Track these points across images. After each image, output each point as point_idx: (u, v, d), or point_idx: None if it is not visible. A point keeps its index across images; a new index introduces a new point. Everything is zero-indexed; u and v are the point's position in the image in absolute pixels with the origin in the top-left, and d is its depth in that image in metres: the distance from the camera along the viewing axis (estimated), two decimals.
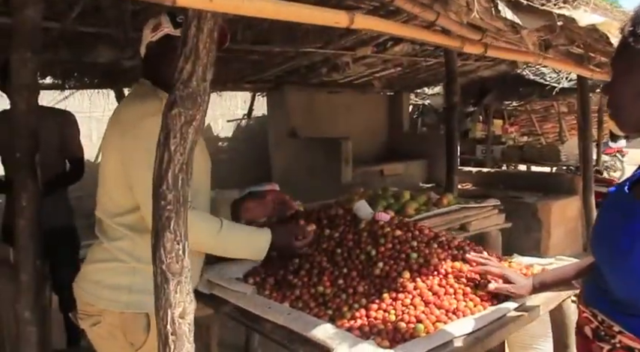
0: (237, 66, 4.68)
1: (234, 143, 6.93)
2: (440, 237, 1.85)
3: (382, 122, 7.23)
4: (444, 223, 2.87)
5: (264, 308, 1.57)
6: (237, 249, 1.69)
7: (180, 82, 0.98)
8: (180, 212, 1.02)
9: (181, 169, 1.01)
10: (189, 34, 0.96)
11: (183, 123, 0.99)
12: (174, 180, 1.01)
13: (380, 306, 1.51)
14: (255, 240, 1.70)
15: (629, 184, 1.12)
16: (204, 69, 0.98)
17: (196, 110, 1.00)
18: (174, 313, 1.03)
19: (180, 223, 1.02)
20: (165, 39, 1.61)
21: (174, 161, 1.00)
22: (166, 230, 1.01)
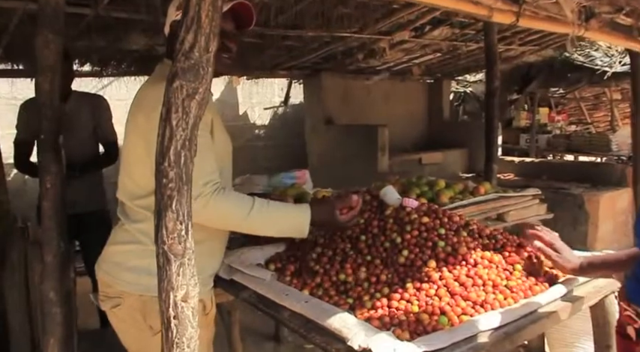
0: (271, 53, 4.63)
1: (270, 130, 6.92)
2: (470, 226, 1.74)
3: (422, 110, 7.05)
4: (479, 212, 2.74)
5: (282, 295, 1.52)
6: (273, 228, 1.59)
7: (181, 53, 0.93)
8: (183, 190, 0.97)
9: (184, 146, 0.96)
10: (191, 1, 0.90)
11: (185, 96, 0.94)
12: (177, 156, 0.96)
13: (403, 296, 1.43)
14: (292, 218, 1.60)
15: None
16: (207, 39, 0.93)
17: (199, 83, 0.94)
18: (177, 296, 0.99)
19: (183, 202, 0.97)
20: None
21: (177, 137, 0.95)
22: (168, 209, 0.96)
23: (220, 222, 1.51)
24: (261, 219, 1.52)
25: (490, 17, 1.31)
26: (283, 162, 6.55)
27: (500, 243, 1.68)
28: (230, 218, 1.49)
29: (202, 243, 1.64)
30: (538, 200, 3.03)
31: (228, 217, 1.48)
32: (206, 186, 1.42)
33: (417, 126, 6.95)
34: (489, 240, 1.69)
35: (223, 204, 1.44)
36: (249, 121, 6.77)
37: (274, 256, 1.85)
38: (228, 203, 1.46)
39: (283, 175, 2.81)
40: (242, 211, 1.49)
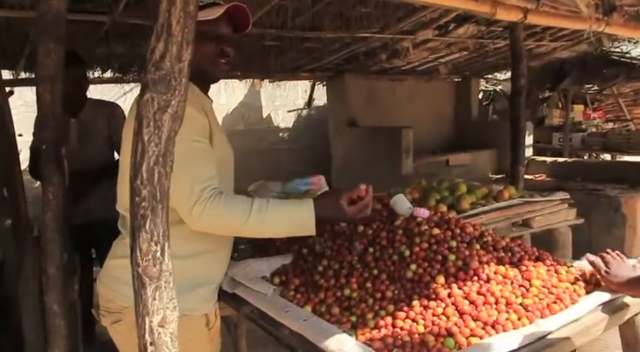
0: (291, 55, 4.58)
1: (294, 133, 6.87)
2: (485, 237, 1.64)
3: (449, 110, 6.88)
4: (503, 218, 2.61)
5: (281, 312, 1.45)
6: (277, 228, 1.47)
7: (151, 63, 0.87)
8: (157, 209, 0.91)
9: (157, 162, 0.90)
10: (161, 7, 0.84)
11: (157, 109, 0.88)
12: (150, 174, 0.90)
13: (408, 315, 1.35)
14: (295, 215, 1.47)
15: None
16: (178, 48, 0.87)
17: (171, 95, 0.88)
18: (153, 322, 0.93)
19: (158, 222, 0.91)
20: None
21: (149, 153, 0.89)
22: (142, 229, 0.91)
23: (220, 228, 1.44)
24: (263, 221, 1.42)
25: (494, 15, 1.20)
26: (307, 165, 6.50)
27: (517, 256, 1.57)
28: (229, 223, 1.41)
29: (204, 255, 1.60)
30: (567, 204, 2.87)
31: (227, 222, 1.41)
32: (203, 192, 1.36)
33: (445, 127, 6.78)
34: (505, 253, 1.58)
35: (220, 209, 1.38)
36: (273, 124, 6.75)
37: (280, 268, 1.78)
38: (225, 208, 1.39)
39: (298, 181, 2.73)
40: (241, 215, 1.40)
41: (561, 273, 1.51)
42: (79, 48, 3.33)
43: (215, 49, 1.54)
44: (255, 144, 6.47)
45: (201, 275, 1.57)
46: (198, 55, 1.54)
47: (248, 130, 6.47)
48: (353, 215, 1.49)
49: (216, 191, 1.39)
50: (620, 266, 1.44)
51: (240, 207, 1.41)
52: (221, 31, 1.55)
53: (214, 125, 1.55)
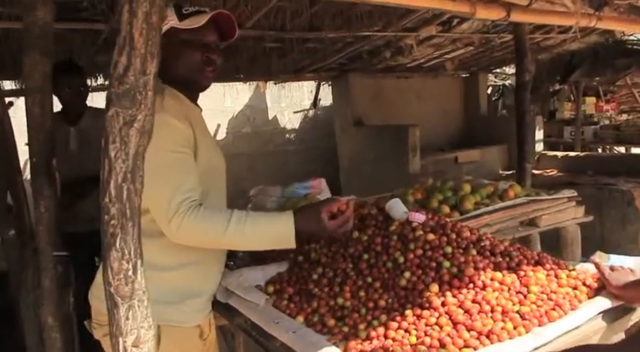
0: (294, 56, 4.54)
1: (301, 134, 6.84)
2: (483, 241, 1.59)
3: (457, 106, 6.78)
4: (508, 218, 2.56)
5: (272, 323, 1.42)
6: (256, 241, 1.45)
7: (114, 77, 0.84)
8: (128, 227, 0.89)
9: (125, 179, 0.87)
10: (122, 19, 0.81)
11: (122, 124, 0.85)
12: (118, 191, 0.87)
13: (400, 325, 1.31)
14: (274, 228, 1.45)
15: None
16: (142, 60, 0.84)
17: (137, 109, 0.86)
18: (126, 342, 0.91)
19: (129, 239, 0.89)
20: (170, 32, 1.51)
21: (116, 169, 0.87)
22: (112, 248, 0.88)
23: (198, 241, 1.42)
24: (241, 234, 1.40)
25: (473, 14, 1.15)
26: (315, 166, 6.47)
27: (516, 260, 1.52)
28: (207, 235, 1.39)
29: (193, 266, 1.57)
30: (574, 202, 2.80)
31: (205, 235, 1.39)
32: (181, 205, 1.33)
33: (453, 124, 6.70)
34: (503, 258, 1.53)
35: (198, 222, 1.35)
36: (279, 126, 6.72)
37: (275, 277, 1.75)
38: (203, 221, 1.36)
39: (297, 185, 2.71)
40: (219, 227, 1.38)
41: (562, 278, 1.46)
42: (78, 56, 3.35)
43: (201, 58, 1.52)
44: (261, 146, 6.45)
45: (192, 286, 1.55)
46: (185, 63, 1.53)
47: (254, 132, 6.46)
48: (333, 229, 1.46)
49: (196, 203, 1.36)
50: (626, 275, 1.38)
51: (218, 220, 1.38)
52: (207, 39, 1.53)
53: (201, 135, 1.52)
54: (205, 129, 1.65)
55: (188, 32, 1.49)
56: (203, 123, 1.65)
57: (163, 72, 1.56)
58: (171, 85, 1.53)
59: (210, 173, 1.57)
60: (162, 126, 1.36)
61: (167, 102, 1.44)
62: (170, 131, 1.39)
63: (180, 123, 1.42)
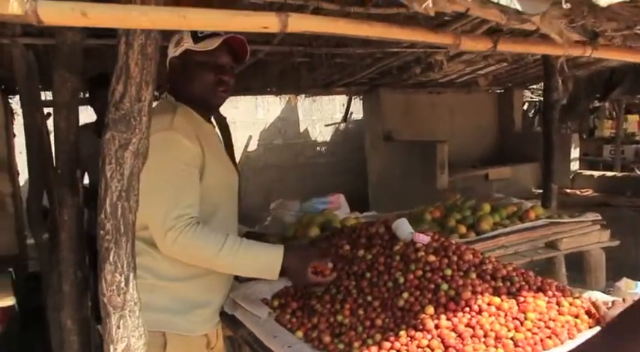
0: (323, 70, 4.60)
1: (332, 147, 6.89)
2: (485, 265, 1.59)
3: (491, 122, 6.69)
4: (526, 240, 2.52)
5: (270, 337, 1.47)
6: (243, 267, 1.56)
7: (112, 103, 0.91)
8: (121, 242, 0.95)
9: (120, 197, 0.94)
10: (120, 50, 0.88)
11: (118, 147, 0.92)
12: (113, 208, 0.94)
13: (393, 345, 1.33)
14: (264, 258, 1.56)
15: None
16: (137, 88, 0.91)
17: (132, 133, 0.92)
18: (117, 349, 0.97)
19: (121, 254, 0.95)
20: (186, 54, 1.59)
21: (112, 188, 0.94)
22: (106, 261, 0.95)
23: (190, 257, 1.50)
24: (232, 258, 1.49)
25: (458, 46, 1.17)
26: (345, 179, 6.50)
27: (517, 285, 1.51)
28: (199, 255, 1.47)
29: (201, 278, 1.63)
30: (599, 225, 2.73)
31: (198, 254, 1.46)
32: (178, 220, 1.40)
33: (486, 140, 6.61)
34: (504, 283, 1.52)
35: (192, 240, 1.42)
36: (310, 138, 6.80)
37: (282, 290, 1.79)
38: (199, 239, 1.43)
39: (315, 200, 2.76)
40: (212, 248, 1.45)
41: (563, 305, 1.44)
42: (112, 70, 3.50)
43: (214, 79, 1.60)
44: (292, 158, 6.54)
45: (199, 297, 1.60)
46: (199, 83, 1.61)
47: (285, 144, 6.56)
48: (308, 282, 1.60)
49: (194, 220, 1.42)
50: None
51: (213, 241, 1.46)
52: (220, 61, 1.60)
53: (210, 152, 1.59)
54: (217, 147, 1.71)
55: (202, 54, 1.57)
56: (215, 141, 1.72)
57: (178, 90, 1.66)
58: (185, 103, 1.61)
59: (219, 190, 1.63)
60: (169, 144, 1.43)
61: (177, 120, 1.51)
62: (177, 148, 1.46)
63: (189, 141, 1.49)
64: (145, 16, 0.77)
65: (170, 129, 1.46)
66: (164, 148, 1.40)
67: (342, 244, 1.85)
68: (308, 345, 1.43)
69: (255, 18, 0.87)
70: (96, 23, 0.79)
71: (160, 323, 1.54)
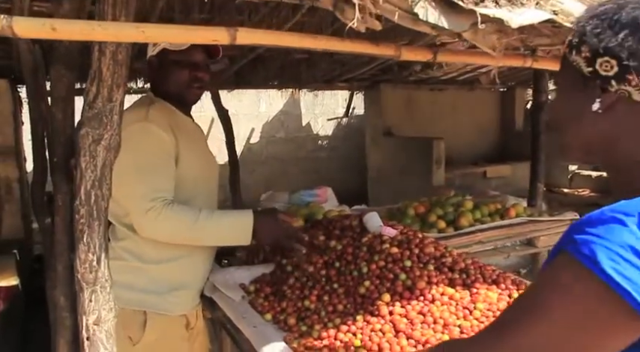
0: (324, 66, 4.70)
1: (333, 141, 6.99)
2: (445, 258, 1.69)
3: (492, 120, 6.75)
4: (503, 237, 2.62)
5: (240, 318, 1.59)
6: (219, 235, 1.66)
7: (86, 103, 1.03)
8: (94, 225, 1.07)
9: (93, 185, 1.06)
10: (93, 56, 1.00)
11: (91, 142, 1.04)
12: (87, 196, 1.06)
13: (350, 329, 1.44)
14: (235, 222, 1.67)
15: None
16: (109, 90, 1.02)
17: (104, 129, 1.04)
18: (89, 320, 1.09)
19: (94, 236, 1.08)
20: (162, 53, 1.71)
21: (86, 178, 1.06)
22: (80, 242, 1.07)
23: (169, 235, 1.60)
24: (207, 227, 1.60)
25: (398, 57, 1.27)
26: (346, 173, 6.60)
27: (472, 278, 1.62)
28: (179, 228, 1.58)
29: (181, 260, 1.74)
30: None
31: (177, 227, 1.57)
32: (155, 201, 1.53)
33: (488, 138, 6.67)
34: (460, 275, 1.63)
35: (172, 215, 1.54)
36: (313, 132, 6.90)
37: (260, 277, 1.91)
38: (176, 214, 1.55)
39: (303, 193, 2.87)
40: (189, 220, 1.57)
41: (514, 298, 1.54)
42: None
43: (189, 76, 1.71)
44: (294, 151, 6.66)
45: (177, 279, 1.72)
46: (174, 80, 1.72)
47: (288, 138, 6.67)
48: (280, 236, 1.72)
49: (169, 201, 1.55)
50: None
51: (189, 214, 1.58)
52: (194, 59, 1.71)
53: (185, 144, 1.69)
54: (195, 139, 1.82)
55: (177, 53, 1.68)
56: (192, 133, 1.82)
57: (156, 87, 1.78)
58: (163, 98, 1.73)
59: (195, 181, 1.74)
60: (144, 133, 1.56)
61: (151, 112, 1.63)
62: (152, 137, 1.59)
63: (163, 131, 1.61)
64: (106, 30, 0.88)
65: (145, 120, 1.59)
66: (140, 138, 1.53)
67: (318, 234, 1.97)
68: (274, 326, 1.54)
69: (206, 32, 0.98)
70: (64, 37, 0.91)
71: (141, 302, 1.67)
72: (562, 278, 0.72)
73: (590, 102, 0.79)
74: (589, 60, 0.78)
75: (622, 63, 0.75)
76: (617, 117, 0.79)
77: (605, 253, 0.67)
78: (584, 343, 0.71)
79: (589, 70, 0.79)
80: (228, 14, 2.73)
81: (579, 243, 0.69)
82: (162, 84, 1.73)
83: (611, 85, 0.77)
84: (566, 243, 0.73)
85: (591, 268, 0.67)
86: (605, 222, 0.69)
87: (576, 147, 0.87)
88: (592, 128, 0.82)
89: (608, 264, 0.66)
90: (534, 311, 0.74)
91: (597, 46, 0.77)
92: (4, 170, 3.85)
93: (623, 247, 0.66)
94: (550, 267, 0.75)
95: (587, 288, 0.69)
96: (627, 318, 0.67)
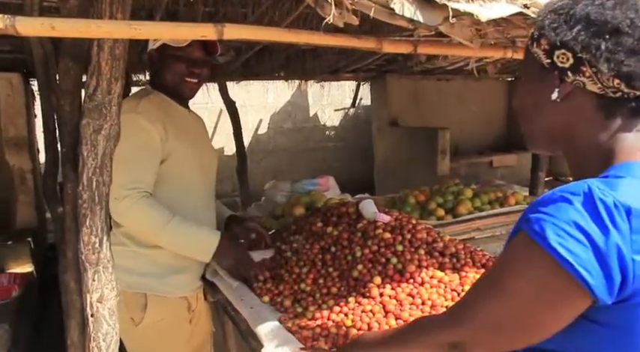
0: (329, 57, 4.74)
1: (341, 132, 7.04)
2: (436, 243, 1.75)
3: (500, 110, 6.74)
4: (500, 224, 2.66)
5: (238, 300, 1.66)
6: (183, 244, 1.73)
7: (87, 95, 1.10)
8: (96, 210, 1.15)
9: (95, 172, 1.14)
10: (92, 52, 1.07)
11: (92, 131, 1.12)
12: (89, 182, 1.14)
13: (342, 309, 1.51)
14: (201, 242, 1.74)
15: None
16: (107, 83, 1.09)
17: (103, 120, 1.11)
18: (92, 298, 1.17)
19: (96, 219, 1.15)
20: (162, 48, 1.77)
21: (88, 165, 1.13)
22: (83, 225, 1.15)
23: (141, 225, 1.67)
24: (175, 233, 1.67)
25: (380, 49, 1.32)
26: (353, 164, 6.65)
27: (462, 262, 1.67)
28: (150, 223, 1.64)
29: None
30: None
31: (149, 222, 1.64)
32: (133, 191, 1.60)
33: (494, 128, 6.67)
34: (450, 259, 1.68)
35: (147, 208, 1.61)
36: (320, 123, 6.95)
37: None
38: (151, 209, 1.62)
39: (306, 182, 2.93)
40: (162, 219, 1.64)
41: None
42: None
43: (186, 71, 1.77)
44: (302, 142, 6.72)
45: (176, 263, 1.80)
46: (171, 74, 1.79)
47: (295, 128, 6.73)
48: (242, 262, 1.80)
49: (147, 194, 1.62)
50: None
51: (163, 214, 1.65)
52: (192, 55, 1.77)
53: (178, 136, 1.76)
54: (190, 129, 1.88)
55: (176, 48, 1.74)
56: (188, 126, 1.88)
57: (155, 79, 1.84)
58: (161, 90, 1.79)
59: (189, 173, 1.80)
60: (130, 125, 1.63)
61: (142, 105, 1.70)
62: (137, 130, 1.65)
63: (150, 124, 1.67)
64: (101, 28, 0.95)
65: (134, 112, 1.65)
66: (126, 129, 1.59)
67: (316, 221, 2.03)
68: (271, 308, 1.62)
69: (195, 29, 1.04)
70: (62, 34, 0.98)
71: (142, 285, 1.76)
72: (516, 254, 0.78)
73: (550, 91, 0.85)
74: (547, 52, 0.84)
75: (576, 55, 0.80)
76: (574, 106, 0.84)
77: (552, 229, 0.73)
78: (541, 315, 0.77)
79: (547, 62, 0.84)
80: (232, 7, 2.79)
81: (532, 221, 0.75)
82: (160, 76, 1.80)
83: (568, 75, 0.83)
84: (522, 221, 0.79)
85: (540, 244, 0.73)
86: (554, 202, 0.75)
87: (539, 135, 0.92)
88: (552, 116, 0.87)
89: (555, 239, 0.72)
90: (493, 287, 0.81)
91: (554, 39, 0.82)
92: (18, 161, 3.96)
93: (568, 223, 0.72)
94: (508, 246, 0.81)
95: (539, 263, 0.74)
96: (574, 290, 0.73)
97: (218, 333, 2.18)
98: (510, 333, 0.80)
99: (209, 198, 1.93)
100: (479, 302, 0.83)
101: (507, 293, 0.78)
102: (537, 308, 0.76)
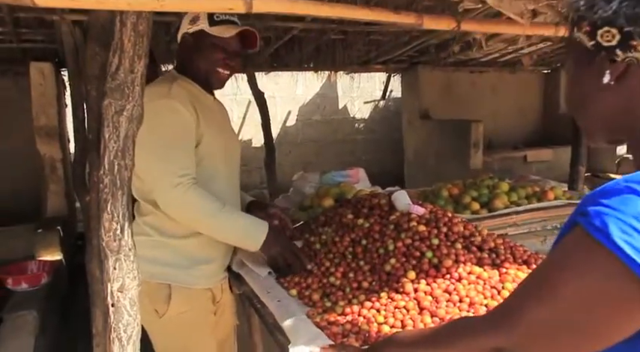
0: (359, 47, 4.64)
1: (370, 124, 6.92)
2: (474, 237, 1.65)
3: (536, 103, 6.53)
4: (539, 219, 2.53)
5: (264, 292, 1.60)
6: (232, 233, 1.69)
7: (109, 74, 1.05)
8: (117, 195, 1.10)
9: (117, 156, 1.08)
10: (115, 28, 1.01)
11: (114, 112, 1.06)
12: (110, 165, 1.08)
13: (374, 305, 1.43)
14: (251, 229, 1.70)
15: None
16: (130, 61, 1.03)
17: (125, 100, 1.05)
18: (113, 287, 1.12)
19: (118, 205, 1.10)
20: (199, 33, 1.70)
21: (109, 148, 1.08)
22: (104, 211, 1.10)
23: (192, 213, 1.61)
24: (227, 221, 1.63)
25: (420, 25, 1.21)
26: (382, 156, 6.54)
27: (502, 258, 1.57)
28: (204, 211, 1.60)
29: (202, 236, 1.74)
30: None
31: (203, 210, 1.59)
32: (184, 178, 1.55)
33: (531, 121, 6.46)
34: (489, 254, 1.58)
35: (199, 196, 1.57)
36: (349, 115, 6.85)
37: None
38: (203, 197, 1.58)
39: (335, 173, 2.85)
40: (215, 207, 1.59)
41: None
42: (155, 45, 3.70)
43: (222, 61, 1.71)
44: (330, 134, 6.63)
45: (200, 253, 1.75)
46: (204, 63, 1.72)
47: (324, 120, 6.65)
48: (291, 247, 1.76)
49: (195, 180, 1.56)
50: None
51: (215, 201, 1.60)
52: (230, 48, 1.71)
53: (207, 122, 1.70)
54: (217, 118, 1.82)
55: (215, 38, 1.67)
56: (215, 112, 1.82)
57: (185, 64, 1.78)
58: (193, 80, 1.74)
59: (217, 159, 1.75)
60: (167, 110, 1.58)
61: (174, 89, 1.64)
62: (175, 115, 1.60)
63: (184, 107, 1.62)
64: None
65: (167, 97, 1.60)
66: (163, 114, 1.55)
67: (346, 213, 1.96)
68: (298, 302, 1.55)
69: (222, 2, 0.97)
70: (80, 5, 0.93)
71: (166, 276, 1.71)
72: (572, 253, 0.68)
73: (601, 75, 0.75)
74: (590, 33, 0.74)
75: (623, 30, 0.70)
76: (631, 86, 0.74)
77: (617, 225, 0.63)
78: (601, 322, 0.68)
79: (592, 44, 0.74)
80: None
81: (591, 215, 0.65)
82: (191, 62, 1.74)
83: (617, 54, 0.73)
84: (578, 215, 0.69)
85: (603, 241, 0.63)
86: (619, 193, 0.65)
87: (597, 126, 0.82)
88: (608, 102, 0.77)
89: (620, 236, 0.62)
90: (544, 289, 0.71)
91: (594, 17, 0.72)
92: (49, 151, 4.00)
93: (636, 218, 0.62)
94: (562, 241, 0.72)
95: (600, 264, 0.65)
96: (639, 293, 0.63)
97: (243, 327, 2.13)
98: (563, 342, 0.71)
99: (234, 185, 1.88)
100: (526, 306, 0.73)
101: (560, 296, 0.69)
102: (597, 314, 0.67)
